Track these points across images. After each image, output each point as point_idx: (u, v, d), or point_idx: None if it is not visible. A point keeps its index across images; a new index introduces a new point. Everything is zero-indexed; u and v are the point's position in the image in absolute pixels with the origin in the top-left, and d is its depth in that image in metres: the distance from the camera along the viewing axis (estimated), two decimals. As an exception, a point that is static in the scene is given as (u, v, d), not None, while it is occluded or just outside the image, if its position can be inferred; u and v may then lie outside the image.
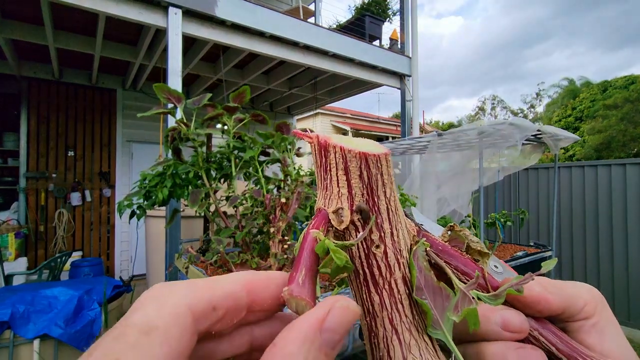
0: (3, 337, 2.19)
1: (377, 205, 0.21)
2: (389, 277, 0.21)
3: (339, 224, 0.21)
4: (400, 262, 0.22)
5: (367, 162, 0.20)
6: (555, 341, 0.21)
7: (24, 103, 4.81)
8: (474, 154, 2.54)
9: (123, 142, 5.45)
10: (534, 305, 0.22)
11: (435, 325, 0.20)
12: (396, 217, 0.22)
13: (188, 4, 2.94)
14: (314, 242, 0.19)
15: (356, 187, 0.21)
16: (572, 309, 0.23)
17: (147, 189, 1.49)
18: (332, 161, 0.21)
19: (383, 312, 0.21)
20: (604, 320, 0.23)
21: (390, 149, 0.92)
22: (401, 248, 0.22)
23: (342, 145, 0.20)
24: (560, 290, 0.23)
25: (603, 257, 3.95)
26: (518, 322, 0.21)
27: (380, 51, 4.56)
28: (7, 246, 4.09)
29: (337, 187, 0.21)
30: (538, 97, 31.37)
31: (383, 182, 0.21)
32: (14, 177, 4.86)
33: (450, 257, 0.23)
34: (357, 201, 0.21)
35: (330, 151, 0.21)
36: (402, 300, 0.21)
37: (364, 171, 0.20)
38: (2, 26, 3.48)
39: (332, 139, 0.21)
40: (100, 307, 2.52)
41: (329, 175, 0.21)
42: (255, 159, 1.55)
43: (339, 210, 0.21)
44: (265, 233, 1.48)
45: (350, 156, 0.20)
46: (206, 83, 5.31)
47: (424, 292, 0.21)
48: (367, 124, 15.97)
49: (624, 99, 13.59)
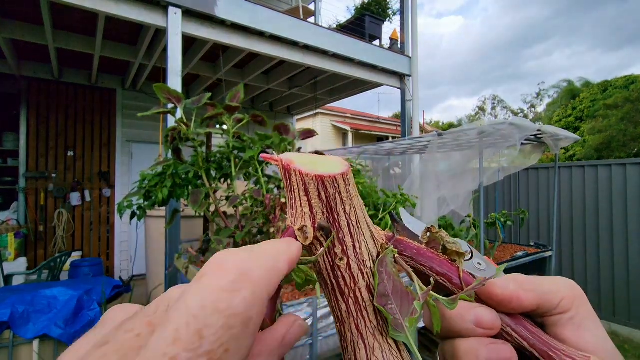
0: (2, 337, 2.19)
1: (338, 221, 0.23)
2: (353, 286, 0.23)
3: (304, 240, 0.22)
4: (364, 272, 0.23)
5: (324, 184, 0.22)
6: (527, 336, 0.23)
7: (23, 103, 4.81)
8: (474, 154, 2.54)
9: (123, 142, 5.45)
10: (506, 303, 0.23)
11: (398, 329, 0.22)
12: (358, 230, 0.23)
13: (188, 3, 2.94)
14: None
15: (316, 206, 0.22)
16: (548, 305, 0.24)
17: (147, 189, 1.49)
18: (295, 183, 0.22)
19: (350, 319, 0.23)
20: (581, 315, 0.24)
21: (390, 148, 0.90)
22: (364, 259, 0.23)
23: (300, 169, 0.22)
24: (535, 286, 0.24)
25: (603, 257, 3.95)
26: (490, 319, 0.23)
27: (381, 51, 4.56)
28: (7, 246, 4.09)
29: (300, 206, 0.23)
30: (539, 97, 31.38)
31: (342, 200, 0.22)
32: (14, 177, 4.86)
33: (426, 260, 0.25)
34: (319, 219, 0.22)
35: (292, 174, 0.22)
36: (367, 307, 0.23)
37: (322, 192, 0.22)
38: (2, 26, 3.48)
39: (294, 163, 0.22)
40: (100, 307, 2.52)
41: (293, 195, 0.23)
42: (255, 159, 1.55)
43: (303, 227, 0.23)
44: (265, 233, 1.48)
45: (308, 179, 0.22)
46: (206, 83, 5.31)
47: (390, 298, 0.22)
48: (367, 124, 15.97)
49: (625, 99, 13.58)
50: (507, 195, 4.98)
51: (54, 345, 2.32)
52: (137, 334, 0.15)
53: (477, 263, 0.27)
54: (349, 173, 0.23)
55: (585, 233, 4.11)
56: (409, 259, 0.25)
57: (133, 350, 0.15)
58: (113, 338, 0.15)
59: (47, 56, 4.25)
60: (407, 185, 2.88)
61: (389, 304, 0.22)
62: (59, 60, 4.44)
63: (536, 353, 0.22)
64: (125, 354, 0.14)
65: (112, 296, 2.79)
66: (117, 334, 0.15)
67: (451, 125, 32.79)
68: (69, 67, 4.94)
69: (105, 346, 0.15)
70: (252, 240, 1.51)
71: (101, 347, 0.15)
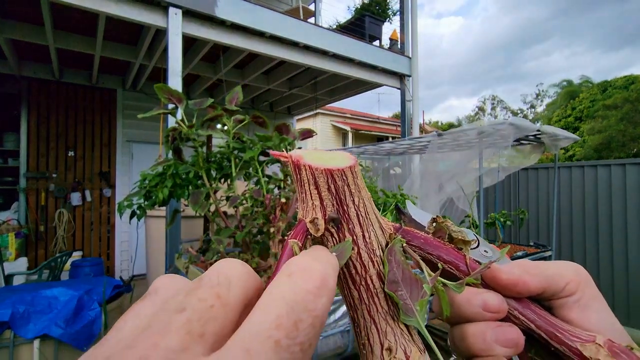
0: (3, 337, 2.19)
1: (347, 212, 0.24)
2: (364, 274, 0.24)
3: (315, 232, 0.24)
4: (374, 260, 0.24)
5: (332, 177, 0.23)
6: (534, 318, 0.24)
7: (24, 103, 4.81)
8: (473, 153, 2.55)
9: (123, 142, 5.46)
10: (512, 287, 0.24)
11: (408, 313, 0.23)
12: (367, 220, 0.24)
13: (188, 4, 2.94)
14: (291, 252, 0.22)
15: (326, 199, 0.23)
16: (553, 288, 0.25)
17: (147, 189, 1.49)
18: (305, 178, 0.23)
19: (362, 305, 0.24)
20: (587, 297, 0.25)
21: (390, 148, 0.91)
22: (374, 248, 0.24)
23: (310, 164, 0.23)
24: (541, 271, 0.25)
25: (603, 257, 3.95)
26: (496, 302, 0.24)
27: (380, 51, 4.57)
28: (7, 246, 4.10)
29: (311, 199, 0.24)
30: (538, 97, 31.40)
31: (350, 192, 0.24)
32: (14, 177, 4.87)
33: (433, 248, 0.26)
34: (329, 211, 0.23)
35: (302, 169, 0.23)
36: (378, 293, 0.24)
37: (331, 185, 0.23)
38: (3, 26, 3.49)
39: (303, 158, 0.23)
40: (100, 307, 2.52)
41: (304, 189, 0.24)
42: (255, 159, 1.55)
43: (314, 220, 0.24)
44: (266, 233, 1.48)
45: (317, 173, 0.23)
46: (206, 83, 5.31)
47: (400, 285, 0.23)
48: (367, 124, 15.97)
49: (624, 99, 13.59)
50: (507, 195, 4.99)
51: (55, 345, 2.32)
52: (211, 305, 0.16)
53: (484, 251, 0.28)
54: (356, 166, 0.24)
55: (585, 233, 4.12)
56: (417, 248, 0.26)
57: (211, 320, 0.15)
58: (189, 305, 0.15)
59: (48, 56, 4.25)
60: (408, 186, 2.89)
61: (399, 290, 0.23)
62: (60, 61, 4.45)
63: (544, 334, 0.23)
64: (207, 322, 0.15)
65: (112, 296, 2.79)
66: (192, 302, 0.16)
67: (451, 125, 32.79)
68: (70, 68, 4.94)
69: (184, 312, 0.15)
70: (252, 240, 1.51)
71: (181, 313, 0.15)
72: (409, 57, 4.77)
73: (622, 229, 3.81)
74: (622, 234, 3.81)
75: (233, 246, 1.79)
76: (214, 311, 0.16)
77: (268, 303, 0.16)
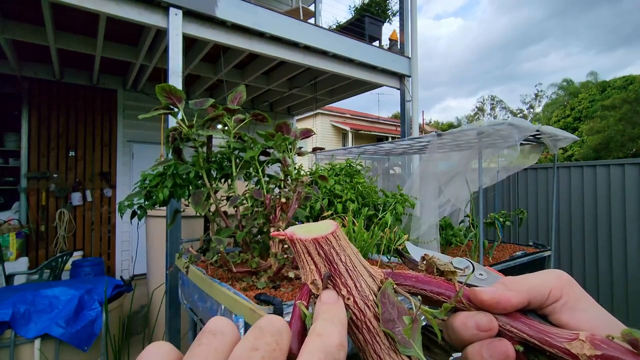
0: (4, 336, 2.20)
1: (338, 269, 0.28)
2: (363, 318, 0.27)
3: (316, 290, 0.28)
4: (369, 304, 0.28)
5: (319, 244, 0.27)
6: (525, 329, 0.26)
7: (24, 103, 4.82)
8: (473, 154, 2.55)
9: (124, 142, 5.46)
10: (496, 305, 0.26)
11: (406, 345, 0.26)
12: (355, 272, 0.28)
13: (188, 4, 2.95)
14: (299, 311, 0.26)
15: (319, 262, 0.28)
16: (539, 298, 0.27)
17: (148, 189, 1.50)
18: (299, 249, 0.28)
19: (367, 346, 0.27)
20: (573, 299, 0.27)
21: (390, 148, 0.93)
22: (367, 294, 0.28)
23: (300, 238, 0.27)
24: (521, 285, 0.27)
25: (602, 256, 3.96)
26: (486, 322, 0.26)
27: (380, 52, 4.57)
28: (8, 246, 4.10)
29: (307, 265, 0.28)
30: (537, 97, 31.40)
31: (337, 252, 0.28)
32: (15, 177, 4.87)
33: (424, 284, 0.30)
34: (324, 271, 0.28)
35: (296, 243, 0.28)
36: (378, 333, 0.27)
37: (320, 250, 0.27)
38: (3, 27, 3.49)
39: (296, 234, 0.28)
40: (101, 307, 2.53)
41: (301, 258, 0.28)
42: (255, 159, 1.56)
43: (314, 281, 0.28)
44: (266, 233, 1.49)
45: (307, 243, 0.27)
46: (206, 83, 5.32)
47: (396, 322, 0.27)
48: (366, 124, 15.97)
49: (622, 100, 13.60)
50: (506, 195, 4.99)
51: (55, 345, 2.33)
52: (274, 348, 0.21)
53: (479, 274, 0.32)
54: (338, 230, 0.28)
55: (584, 232, 4.12)
56: (409, 287, 0.30)
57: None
58: (261, 347, 0.21)
59: (49, 57, 4.26)
60: (407, 187, 2.89)
61: (395, 327, 0.26)
62: (60, 61, 4.45)
63: (537, 341, 0.25)
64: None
65: (113, 296, 2.80)
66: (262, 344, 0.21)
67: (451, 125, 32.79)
68: (70, 68, 4.95)
69: (258, 351, 0.20)
70: (252, 240, 1.52)
71: (256, 351, 0.20)
72: (409, 58, 4.77)
73: (621, 229, 3.82)
74: (621, 233, 3.82)
75: (233, 246, 1.80)
76: (275, 354, 0.21)
77: (312, 351, 0.21)
